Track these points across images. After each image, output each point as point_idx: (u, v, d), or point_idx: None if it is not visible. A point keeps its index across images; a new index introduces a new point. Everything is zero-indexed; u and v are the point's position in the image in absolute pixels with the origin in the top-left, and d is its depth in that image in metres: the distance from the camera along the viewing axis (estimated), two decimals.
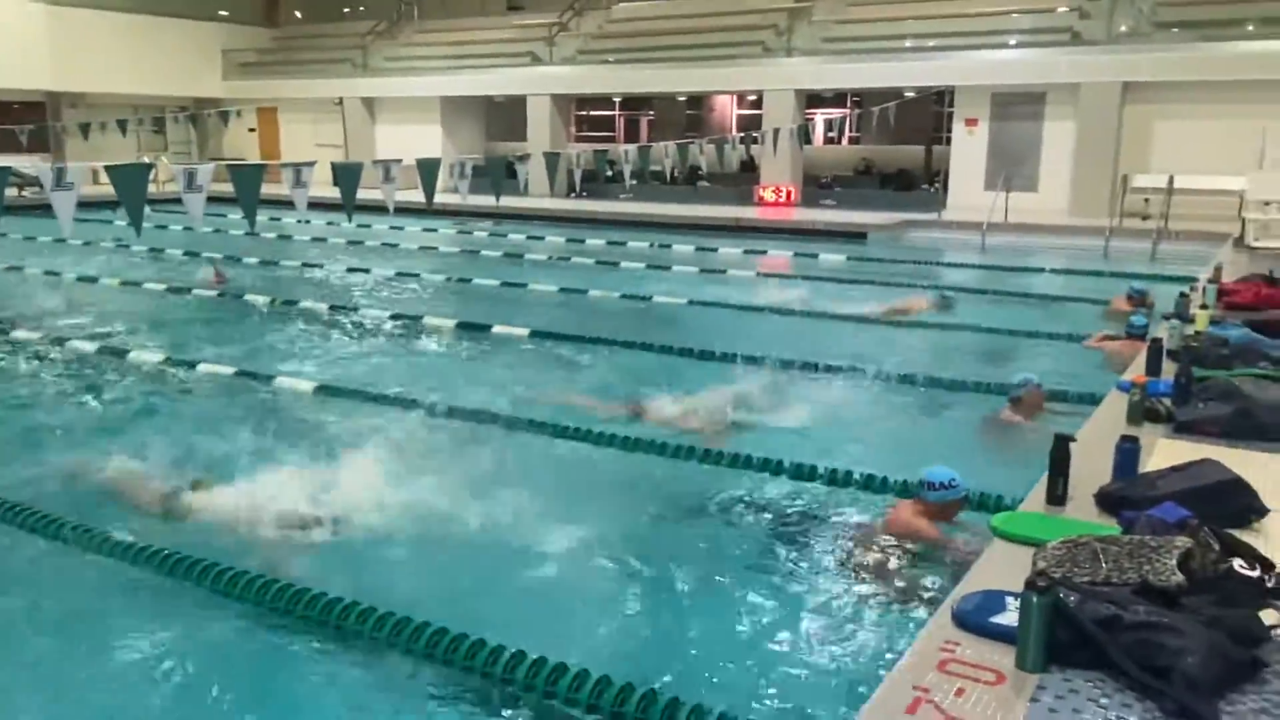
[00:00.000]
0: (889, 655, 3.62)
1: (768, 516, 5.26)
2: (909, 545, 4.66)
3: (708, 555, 4.83)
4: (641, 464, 6.06)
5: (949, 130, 21.70)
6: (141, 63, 27.69)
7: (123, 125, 20.34)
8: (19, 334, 9.63)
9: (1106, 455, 3.90)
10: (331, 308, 11.21)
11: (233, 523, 5.12)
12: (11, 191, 9.16)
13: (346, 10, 31.91)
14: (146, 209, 6.61)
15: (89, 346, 9.14)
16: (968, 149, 20.92)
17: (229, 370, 8.18)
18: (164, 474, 5.74)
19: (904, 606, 4.19)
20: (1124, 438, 3.91)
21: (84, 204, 6.81)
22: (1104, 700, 2.46)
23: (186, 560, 4.48)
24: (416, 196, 9.29)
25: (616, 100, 29.89)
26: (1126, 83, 18.80)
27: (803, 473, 5.68)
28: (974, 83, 20.31)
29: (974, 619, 2.83)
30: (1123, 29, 19.40)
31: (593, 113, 30.80)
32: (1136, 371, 5.68)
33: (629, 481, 5.84)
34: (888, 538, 4.75)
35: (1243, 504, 3.58)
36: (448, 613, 4.00)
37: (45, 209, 6.81)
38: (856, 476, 5.56)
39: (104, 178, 6.56)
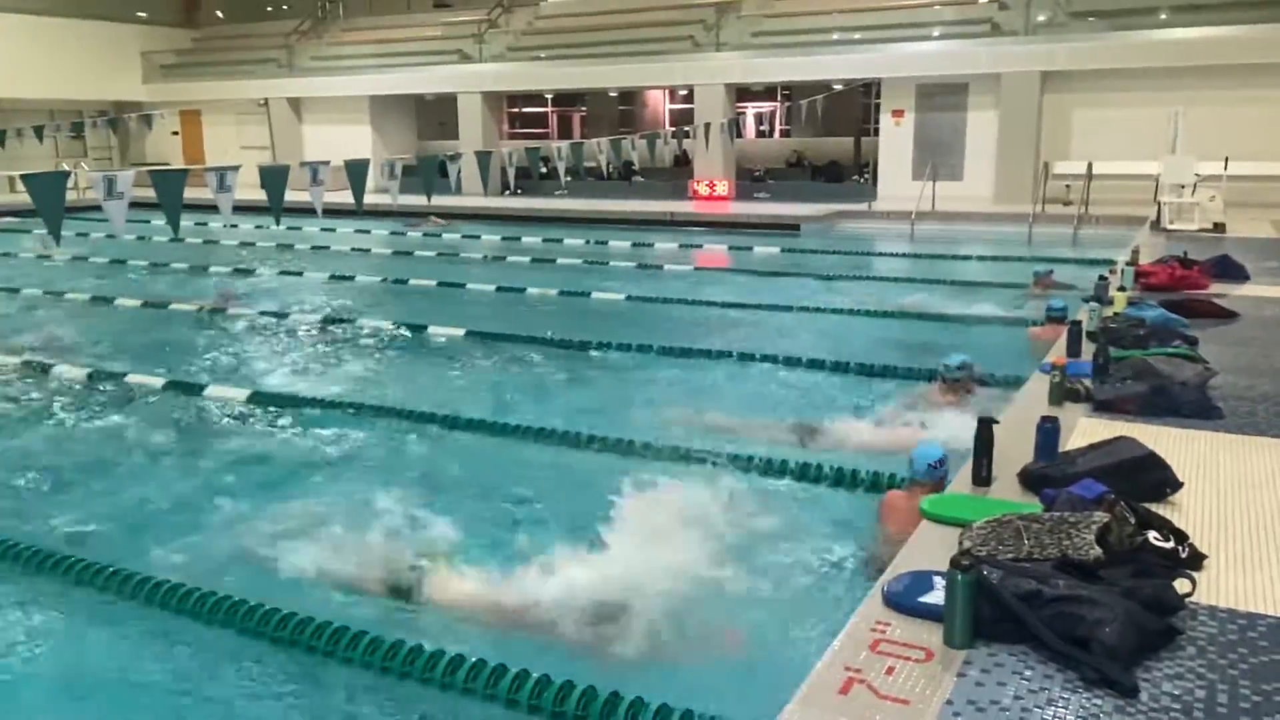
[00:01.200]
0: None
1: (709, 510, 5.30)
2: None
3: (653, 554, 4.84)
4: (572, 459, 6.07)
5: (877, 122, 22.03)
6: (58, 66, 26.82)
7: (39, 131, 19.71)
8: None
9: (1029, 435, 4.02)
10: (261, 313, 11.02)
11: (165, 532, 5.04)
12: None
13: (269, 9, 31.28)
14: (66, 218, 6.44)
15: (10, 360, 8.87)
16: (895, 140, 21.27)
17: (158, 381, 8.00)
18: (89, 491, 5.61)
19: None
20: (1045, 418, 4.03)
21: (1, 213, 6.61)
22: (1027, 672, 2.54)
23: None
24: (347, 198, 9.18)
25: (549, 97, 29.78)
26: (1045, 72, 19.27)
27: (750, 464, 5.72)
28: (899, 74, 20.65)
29: (903, 599, 2.90)
30: (1040, 19, 19.89)
31: (525, 109, 30.65)
32: (1057, 353, 5.85)
33: (573, 479, 5.85)
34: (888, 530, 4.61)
35: (1158, 479, 3.72)
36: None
37: None
38: (826, 470, 5.55)
39: (21, 186, 6.38)
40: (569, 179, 17.43)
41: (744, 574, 4.34)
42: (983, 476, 3.83)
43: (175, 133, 29.31)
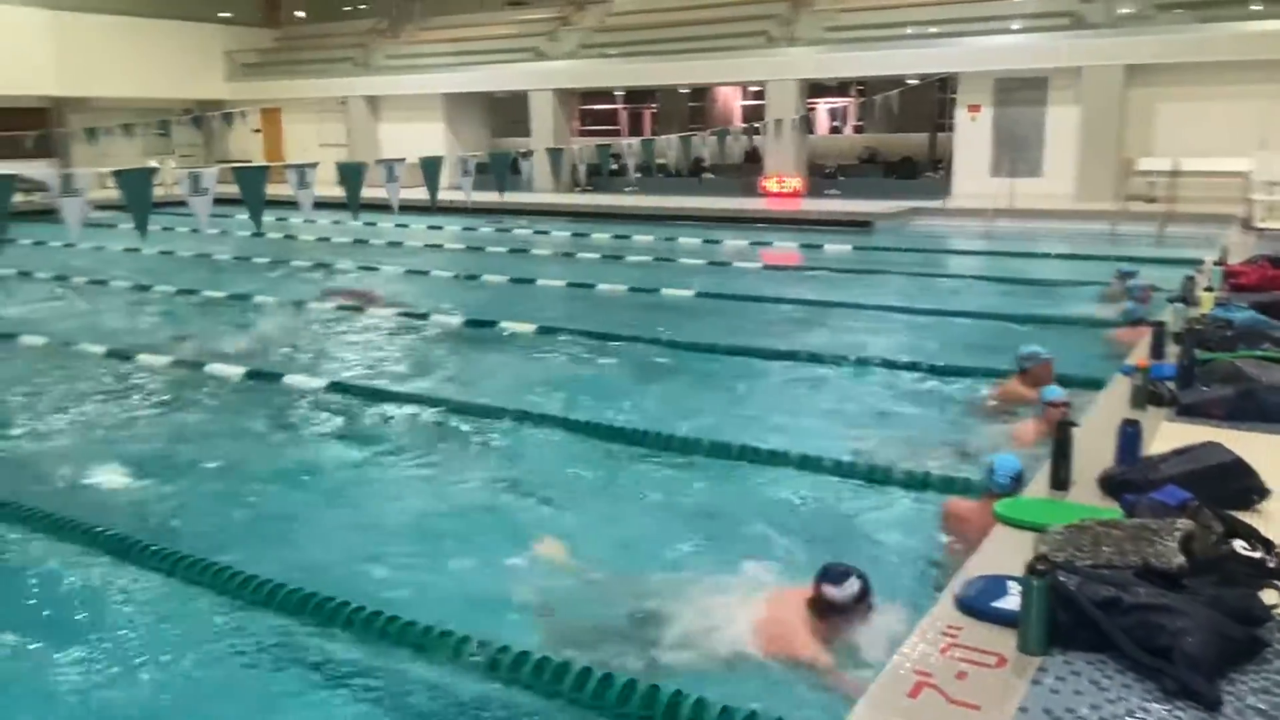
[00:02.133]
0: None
1: (787, 510, 5.28)
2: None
3: (723, 550, 4.84)
4: (653, 458, 6.09)
5: (952, 117, 21.66)
6: (145, 66, 27.80)
7: (128, 129, 20.43)
8: (26, 339, 9.70)
9: (1109, 439, 3.92)
10: (339, 306, 11.26)
11: (231, 521, 5.20)
12: (18, 197, 9.21)
13: (347, 9, 31.94)
14: (153, 212, 6.68)
15: (97, 349, 9.21)
16: (971, 135, 20.87)
17: (239, 371, 8.24)
18: (173, 476, 5.81)
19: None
20: (1126, 421, 3.93)
21: (96, 208, 6.86)
22: (1105, 681, 2.49)
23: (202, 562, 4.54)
24: (421, 194, 9.33)
25: (619, 94, 29.86)
26: (1129, 65, 18.72)
27: (825, 466, 5.68)
28: (976, 69, 20.25)
29: (976, 603, 2.86)
30: (1124, 11, 19.32)
31: (596, 106, 30.79)
32: (1140, 355, 5.70)
33: (641, 475, 5.88)
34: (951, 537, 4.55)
35: (1244, 485, 3.60)
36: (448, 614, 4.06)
37: (52, 214, 6.87)
38: (897, 473, 5.46)
39: (110, 182, 6.63)
40: (639, 175, 17.49)
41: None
42: (1060, 480, 3.75)
43: (257, 130, 30.10)
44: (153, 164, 19.22)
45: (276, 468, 6.15)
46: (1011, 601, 2.79)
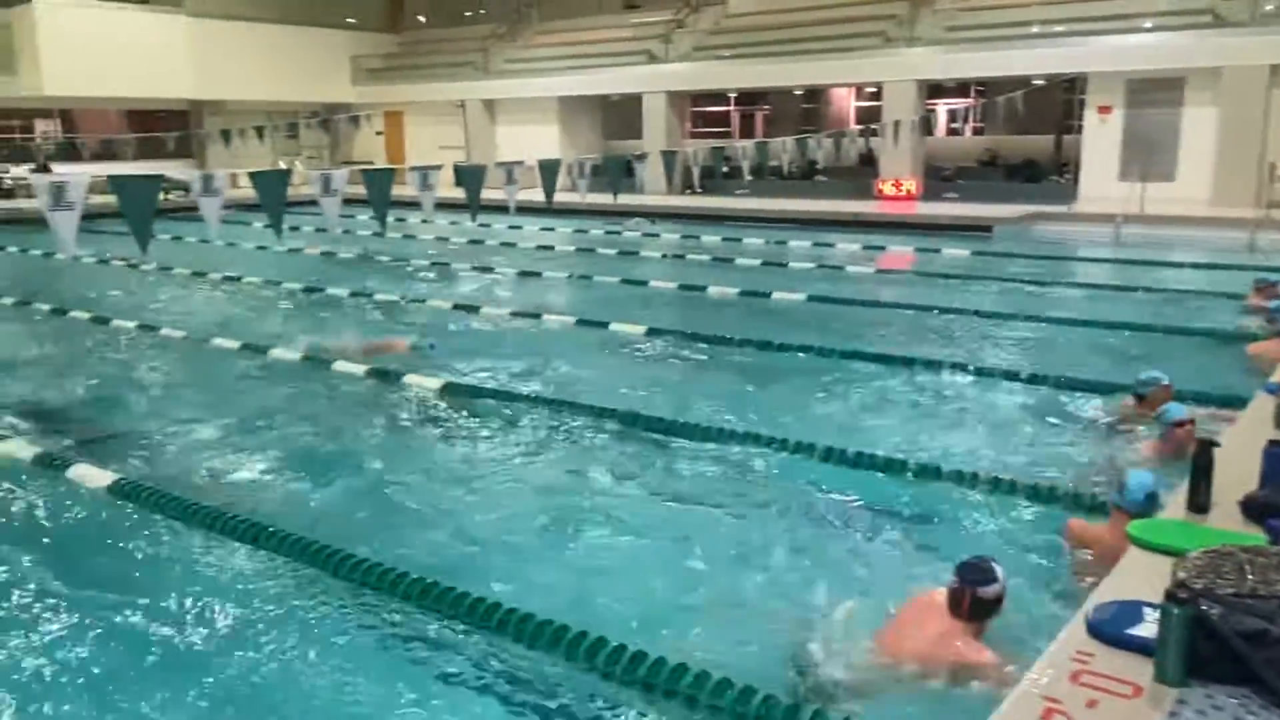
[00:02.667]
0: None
1: (896, 519, 5.20)
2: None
3: (842, 561, 4.79)
4: (763, 461, 6.06)
5: (1080, 118, 20.89)
6: (276, 71, 29.10)
7: (260, 131, 21.37)
8: (165, 331, 10.24)
9: (1253, 461, 3.73)
10: (455, 306, 11.54)
11: (362, 515, 5.38)
12: (161, 195, 9.73)
13: (468, 14, 32.73)
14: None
15: (231, 344, 9.65)
16: (1100, 138, 20.10)
17: (360, 369, 8.52)
18: (307, 471, 6.05)
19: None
20: (1272, 443, 3.73)
21: (226, 206, 7.20)
22: (1249, 718, 2.37)
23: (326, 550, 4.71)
24: (534, 196, 9.47)
25: (732, 96, 29.79)
26: (1275, 65, 17.72)
27: (944, 475, 5.57)
28: (1107, 69, 19.49)
29: (1109, 629, 2.76)
30: (1269, 9, 18.29)
31: (708, 109, 30.78)
32: None
33: (753, 480, 5.85)
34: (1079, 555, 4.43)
35: None
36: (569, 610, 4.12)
37: (187, 210, 7.20)
38: (1021, 487, 5.32)
39: (244, 181, 6.95)
40: (751, 178, 17.40)
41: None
42: (1199, 503, 3.59)
43: (379, 132, 31.11)
44: (283, 165, 20.06)
45: (396, 463, 6.34)
46: (1148, 629, 2.68)
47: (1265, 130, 18.02)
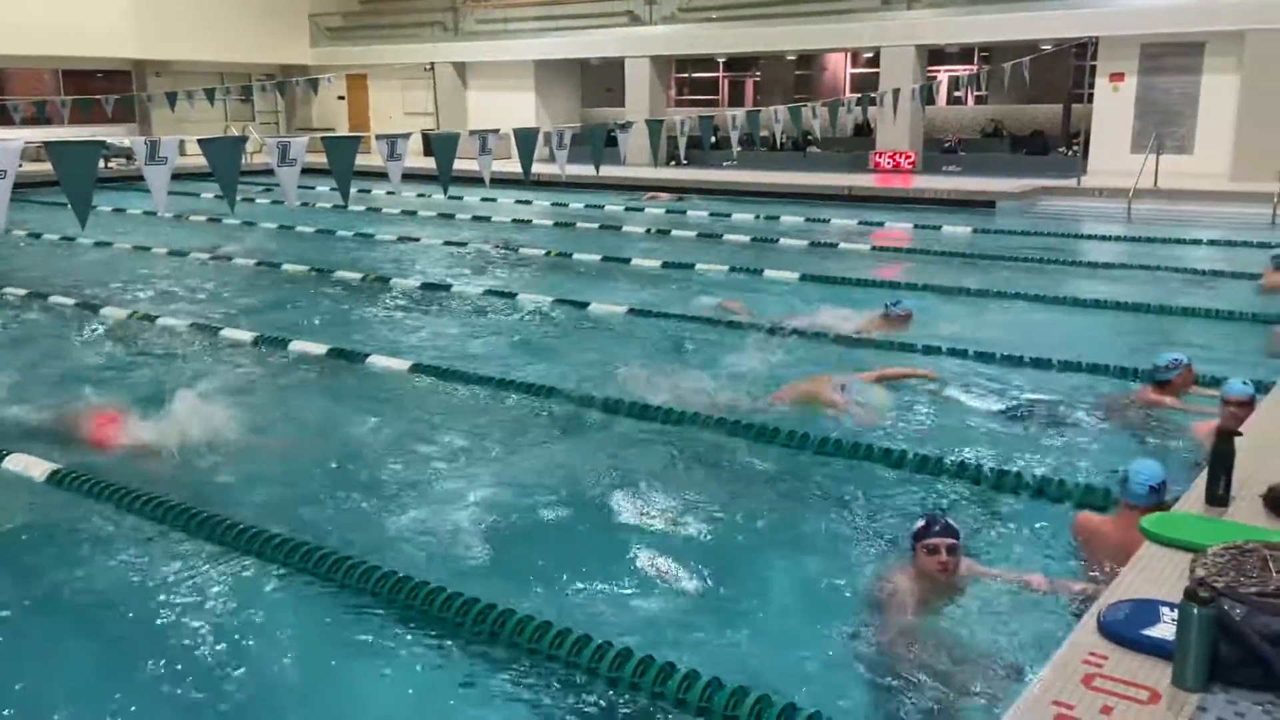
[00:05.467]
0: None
1: (891, 511, 5.20)
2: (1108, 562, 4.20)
3: (835, 553, 4.79)
4: (752, 452, 6.05)
5: (1090, 87, 20.92)
6: (227, 29, 28.65)
7: (210, 94, 21.08)
8: (109, 310, 10.11)
9: (1277, 451, 3.73)
10: (424, 285, 11.47)
11: (323, 499, 5.34)
12: (102, 164, 9.59)
13: None
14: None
15: (180, 323, 9.55)
16: (1112, 107, 20.16)
17: (321, 349, 8.45)
18: (253, 449, 6.00)
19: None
20: None
21: (174, 176, 7.09)
22: None
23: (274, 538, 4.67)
24: (511, 167, 9.41)
25: (720, 61, 29.66)
26: None
27: (945, 468, 5.57)
28: (1120, 32, 19.51)
29: (1124, 630, 2.75)
30: None
31: (694, 75, 30.65)
32: None
33: (743, 468, 5.84)
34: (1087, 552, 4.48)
35: None
36: (532, 600, 4.11)
37: (130, 180, 7.08)
38: (1028, 479, 5.34)
39: (192, 148, 6.83)
40: (740, 149, 17.34)
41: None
42: (1219, 495, 3.59)
43: (341, 97, 30.82)
44: (235, 131, 19.83)
45: (358, 447, 6.29)
46: (1164, 630, 2.68)
47: None
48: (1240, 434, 3.72)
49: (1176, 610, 2.56)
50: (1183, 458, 5.47)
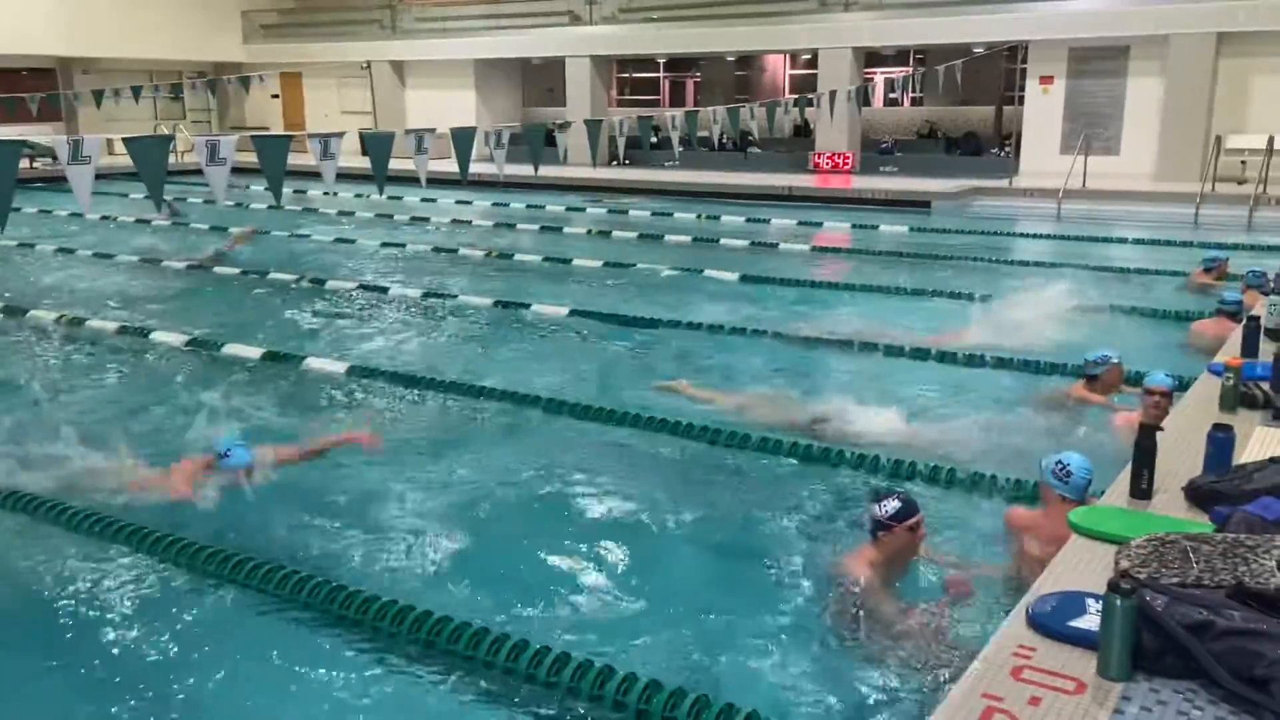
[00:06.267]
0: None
1: (832, 511, 5.24)
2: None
3: (762, 549, 4.83)
4: (695, 452, 6.06)
5: (1021, 89, 21.32)
6: (157, 25, 27.91)
7: (138, 92, 20.60)
8: (35, 314, 9.84)
9: (1197, 445, 3.83)
10: (362, 286, 11.33)
11: (260, 509, 5.24)
12: (23, 163, 9.34)
13: None
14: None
15: (108, 326, 9.33)
16: (1042, 109, 20.55)
17: (256, 352, 8.30)
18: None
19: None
20: (1216, 426, 3.83)
21: (100, 176, 6.92)
22: (1195, 713, 2.43)
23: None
24: (449, 167, 9.34)
25: (661, 62, 29.73)
26: (1221, 33, 18.30)
27: (881, 465, 5.64)
28: (1049, 36, 19.90)
29: (1051, 622, 2.80)
30: None
31: (635, 75, 30.67)
32: (1231, 353, 5.57)
33: (681, 471, 5.85)
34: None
35: None
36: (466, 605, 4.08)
37: (54, 180, 6.91)
38: (961, 475, 5.43)
39: (119, 148, 6.67)
40: (681, 149, 17.37)
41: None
42: (1143, 489, 3.67)
43: (275, 96, 30.29)
44: (165, 130, 19.42)
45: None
46: (1090, 621, 2.73)
47: (1211, 101, 18.61)
48: (1162, 429, 3.81)
49: (1100, 601, 2.61)
50: (1108, 453, 5.59)
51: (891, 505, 4.19)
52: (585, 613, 4.27)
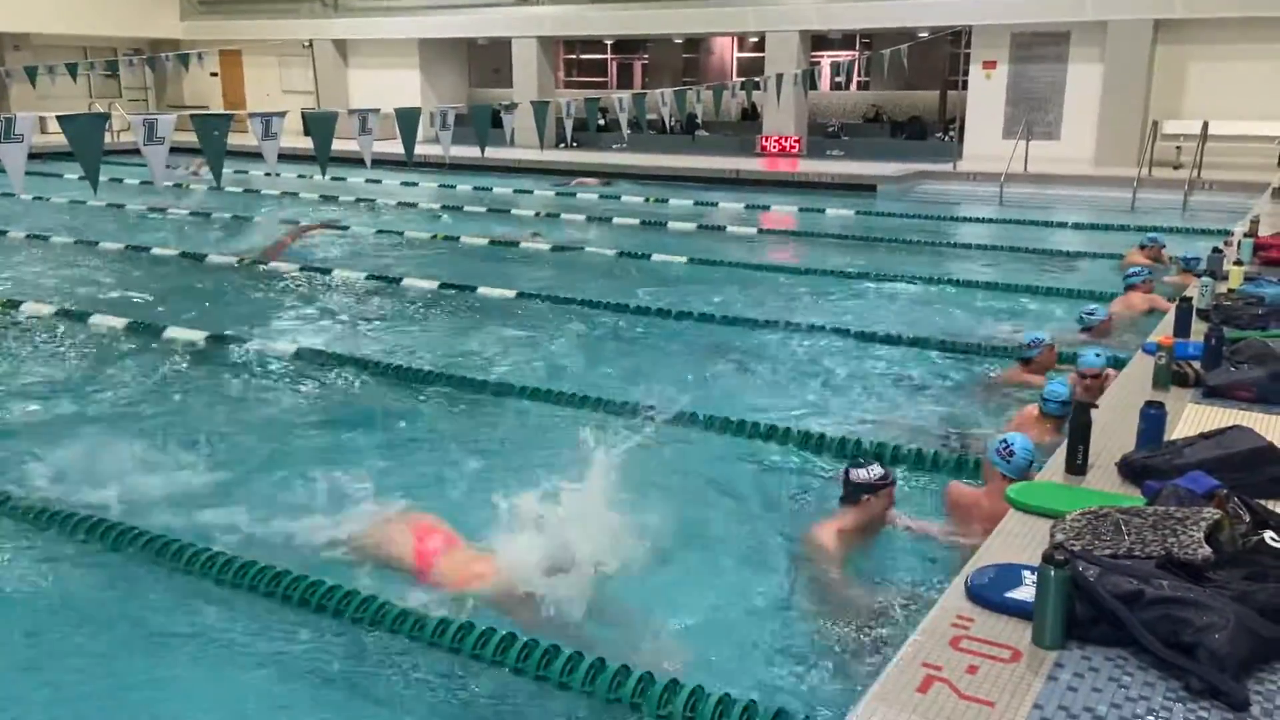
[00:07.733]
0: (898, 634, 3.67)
1: (774, 488, 5.31)
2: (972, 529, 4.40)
3: (706, 528, 4.87)
4: (639, 431, 6.09)
5: (965, 74, 21.58)
6: (92, 1, 27.26)
7: (73, 70, 20.09)
8: None
9: (1130, 421, 3.93)
10: (303, 269, 11.19)
11: (207, 499, 5.18)
12: None
13: None
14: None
15: (44, 310, 9.13)
16: (985, 94, 20.83)
17: (199, 335, 8.17)
18: (126, 445, 5.78)
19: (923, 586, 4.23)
20: (1149, 403, 3.93)
21: (33, 155, 6.76)
22: (1125, 679, 2.51)
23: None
24: (394, 148, 9.25)
25: (608, 43, 29.62)
26: (1159, 20, 18.67)
27: (826, 444, 5.71)
28: (992, 21, 20.16)
29: (988, 593, 2.87)
30: None
31: (583, 56, 30.54)
32: (1164, 332, 5.72)
33: (629, 449, 5.87)
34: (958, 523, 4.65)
35: (1276, 473, 3.61)
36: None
37: None
38: (904, 453, 5.53)
39: (53, 126, 6.51)
40: (629, 132, 17.37)
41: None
42: (1078, 464, 3.76)
43: (214, 74, 29.69)
44: (100, 108, 18.96)
45: (237, 437, 6.12)
46: (1026, 592, 2.80)
47: (1149, 87, 18.98)
48: (1097, 406, 3.91)
49: (1035, 573, 2.68)
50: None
51: (876, 469, 4.48)
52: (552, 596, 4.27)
